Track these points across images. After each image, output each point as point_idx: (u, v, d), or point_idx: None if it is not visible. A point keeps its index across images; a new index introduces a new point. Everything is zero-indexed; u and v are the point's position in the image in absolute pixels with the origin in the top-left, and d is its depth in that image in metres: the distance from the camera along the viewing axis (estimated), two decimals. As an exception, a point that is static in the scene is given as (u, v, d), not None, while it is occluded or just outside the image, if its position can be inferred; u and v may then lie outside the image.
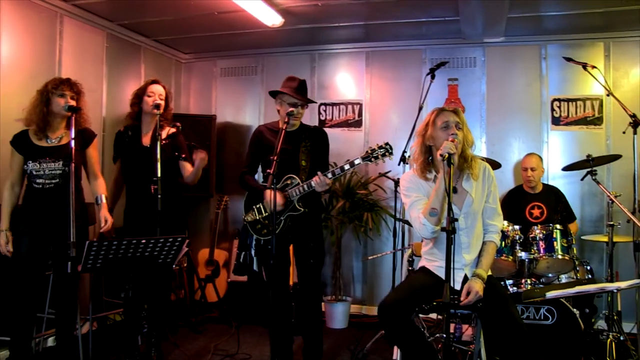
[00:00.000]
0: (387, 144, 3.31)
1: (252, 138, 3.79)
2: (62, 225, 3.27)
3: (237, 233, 5.66)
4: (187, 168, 3.87)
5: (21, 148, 3.36)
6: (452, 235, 2.45)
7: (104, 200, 3.57)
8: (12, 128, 3.40)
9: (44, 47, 4.32)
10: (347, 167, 3.37)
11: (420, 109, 4.76)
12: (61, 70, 4.42)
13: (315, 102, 3.75)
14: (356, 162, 3.32)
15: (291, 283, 4.73)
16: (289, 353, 3.68)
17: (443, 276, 2.84)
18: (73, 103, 3.36)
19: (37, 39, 4.26)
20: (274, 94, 3.70)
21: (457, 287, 2.82)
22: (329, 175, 3.35)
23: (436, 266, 2.97)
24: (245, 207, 3.73)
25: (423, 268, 3.05)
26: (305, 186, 3.42)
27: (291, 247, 3.72)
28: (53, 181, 3.34)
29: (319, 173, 3.32)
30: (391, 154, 3.30)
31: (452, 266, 2.45)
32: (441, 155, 2.62)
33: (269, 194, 3.53)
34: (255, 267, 3.64)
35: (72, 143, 3.08)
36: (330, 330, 4.90)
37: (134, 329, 3.74)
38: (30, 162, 3.33)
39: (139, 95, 3.85)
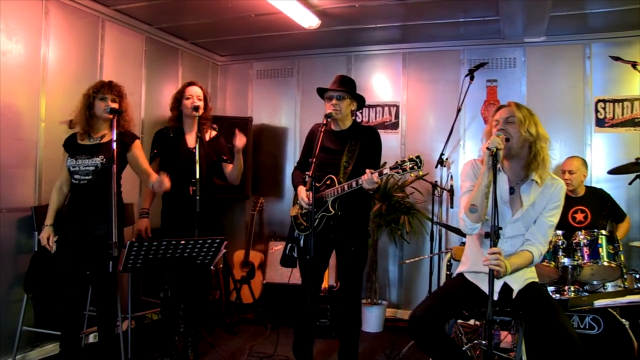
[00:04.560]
0: (417, 156, 3.14)
1: (307, 136, 3.85)
2: (97, 223, 3.37)
3: (272, 235, 5.71)
4: (227, 166, 3.96)
5: (68, 148, 3.49)
6: (495, 240, 2.44)
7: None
8: (56, 131, 3.52)
9: (87, 51, 4.44)
10: (360, 181, 3.27)
11: (459, 111, 4.76)
12: (102, 74, 4.53)
13: (355, 94, 3.68)
14: (384, 172, 3.20)
15: (326, 286, 4.76)
16: (309, 354, 3.70)
17: (476, 282, 2.87)
18: (115, 105, 3.45)
19: (81, 44, 4.39)
20: (320, 95, 3.71)
21: (496, 296, 2.74)
22: (377, 174, 3.20)
23: (470, 271, 2.93)
24: (293, 200, 3.81)
25: (460, 275, 3.00)
26: (339, 189, 3.41)
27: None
28: (86, 177, 3.41)
29: (368, 170, 3.22)
30: (420, 167, 3.13)
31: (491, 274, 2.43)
32: (487, 148, 2.57)
33: (299, 191, 3.60)
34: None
35: (114, 145, 3.15)
36: (365, 333, 4.88)
37: (171, 329, 3.81)
38: (69, 158, 3.45)
39: (178, 99, 3.95)
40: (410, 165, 3.15)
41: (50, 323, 3.84)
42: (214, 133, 4.08)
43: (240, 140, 3.83)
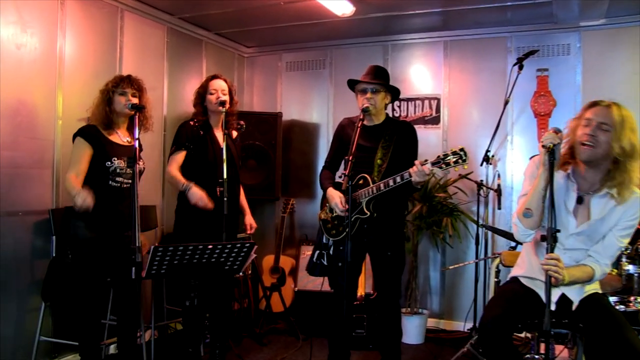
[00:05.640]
0: (461, 149, 3.08)
1: (335, 132, 3.82)
2: (127, 228, 3.36)
3: (304, 238, 5.67)
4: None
5: (95, 141, 3.40)
6: (552, 245, 2.35)
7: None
8: (74, 128, 3.50)
9: (105, 44, 4.45)
10: (406, 175, 3.21)
11: (506, 103, 4.67)
12: (122, 67, 4.54)
13: (389, 86, 3.62)
14: (427, 166, 3.13)
15: (363, 294, 4.70)
16: None
17: (534, 287, 2.80)
18: (135, 101, 3.44)
19: (99, 36, 4.40)
20: (351, 88, 3.66)
21: (553, 307, 2.67)
22: (428, 165, 3.12)
23: (524, 276, 2.86)
24: (321, 203, 3.77)
25: (514, 279, 2.93)
26: (375, 188, 3.35)
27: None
28: (129, 181, 3.43)
29: (417, 161, 3.14)
30: (465, 161, 3.07)
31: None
32: (543, 145, 2.48)
33: (329, 193, 3.57)
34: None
35: (137, 143, 3.13)
36: (404, 345, 4.77)
37: (197, 339, 3.79)
38: (115, 159, 3.40)
39: (201, 94, 3.92)
40: (454, 159, 3.07)
41: (69, 333, 3.85)
42: (235, 134, 4.06)
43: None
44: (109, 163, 3.39)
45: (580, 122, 2.64)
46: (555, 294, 2.68)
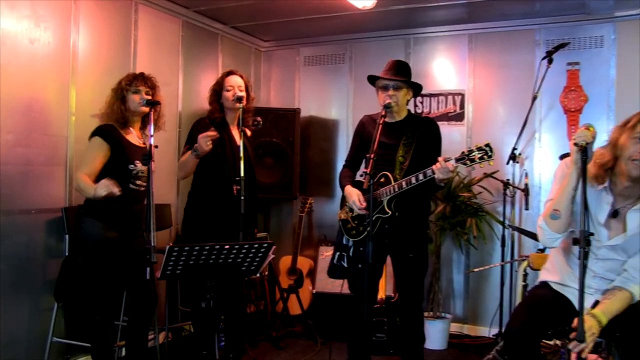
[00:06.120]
0: (487, 145, 3.06)
1: (355, 130, 3.81)
2: (142, 230, 3.42)
3: (322, 239, 5.66)
4: None
5: (114, 142, 3.41)
6: (585, 248, 2.30)
7: None
8: (88, 125, 3.53)
9: (119, 38, 4.46)
10: (429, 172, 3.19)
11: (534, 99, 4.63)
12: (136, 62, 4.55)
13: (412, 83, 3.61)
14: (452, 162, 3.11)
15: (383, 296, 4.68)
16: None
17: (566, 294, 2.74)
18: (149, 98, 3.45)
19: (113, 30, 4.41)
20: (372, 83, 3.64)
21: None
22: (452, 161, 3.10)
23: (555, 282, 2.81)
24: (341, 202, 3.75)
25: (544, 284, 2.88)
26: (396, 186, 3.34)
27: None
28: (145, 183, 3.45)
29: (440, 158, 3.13)
30: (490, 157, 3.05)
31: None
32: (575, 144, 2.42)
33: (347, 191, 3.56)
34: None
35: (152, 140, 3.13)
36: (427, 351, 4.70)
37: (211, 342, 3.80)
38: (138, 162, 3.42)
39: (217, 91, 3.91)
40: (479, 155, 3.05)
41: (82, 334, 3.87)
42: (249, 133, 4.06)
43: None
44: (132, 166, 3.42)
45: (630, 134, 2.54)
46: (589, 300, 2.62)
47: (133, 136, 3.52)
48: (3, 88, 3.57)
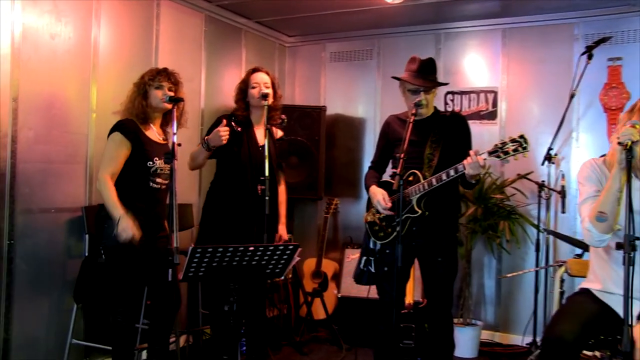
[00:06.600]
0: (521, 136, 3.05)
1: (380, 130, 3.81)
2: (164, 230, 3.44)
3: (348, 241, 5.63)
4: (282, 180, 4.05)
5: (134, 138, 3.42)
6: (630, 254, 2.24)
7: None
8: (109, 122, 3.54)
9: (140, 32, 4.48)
10: (460, 167, 3.19)
11: (572, 96, 4.55)
12: (158, 57, 4.57)
13: (443, 84, 3.61)
14: (484, 156, 3.11)
15: (411, 301, 4.64)
16: None
17: (609, 303, 2.68)
18: (172, 94, 3.45)
19: (135, 24, 4.43)
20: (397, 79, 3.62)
21: (636, 322, 2.53)
22: (484, 155, 3.10)
23: (598, 290, 2.75)
24: (367, 204, 3.73)
25: (586, 290, 2.82)
26: (425, 184, 3.31)
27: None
28: (166, 182, 3.47)
29: (471, 152, 3.12)
30: (525, 148, 3.03)
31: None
32: (619, 142, 2.38)
33: (372, 191, 3.55)
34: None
35: (175, 138, 3.13)
36: (456, 358, 4.67)
37: (233, 346, 3.79)
38: (157, 159, 3.43)
39: (242, 89, 3.92)
40: (513, 147, 3.04)
41: (101, 336, 3.90)
42: (280, 133, 4.05)
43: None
44: (151, 163, 3.42)
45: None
46: (636, 309, 2.55)
47: (153, 132, 3.53)
48: (23, 85, 3.60)
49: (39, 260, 3.73)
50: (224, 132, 3.56)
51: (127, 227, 3.23)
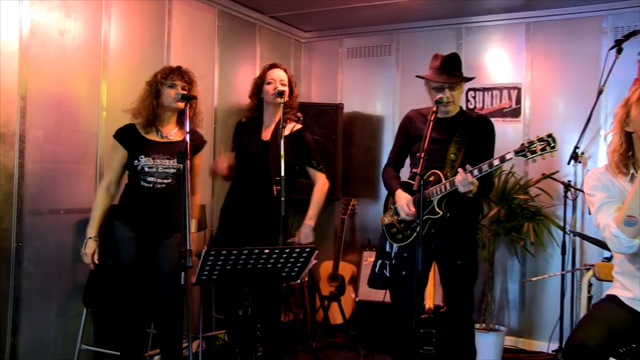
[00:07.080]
0: (549, 135, 3.02)
1: (400, 125, 3.76)
2: (170, 232, 3.43)
3: (366, 243, 5.62)
4: (317, 177, 3.96)
5: (128, 142, 3.49)
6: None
7: (193, 229, 3.79)
8: (119, 120, 3.55)
9: (152, 28, 4.48)
10: (496, 162, 3.16)
11: (600, 92, 4.47)
12: (170, 53, 4.57)
13: (469, 79, 3.58)
14: (507, 156, 3.10)
15: (431, 306, 4.61)
16: None
17: (637, 309, 2.63)
18: (184, 93, 3.44)
19: (146, 20, 4.43)
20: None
21: None
22: (475, 172, 3.14)
23: (628, 298, 2.70)
24: (384, 206, 3.70)
25: (613, 297, 2.77)
26: (448, 184, 3.28)
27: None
28: (165, 181, 3.46)
29: (460, 170, 3.14)
30: (553, 148, 3.01)
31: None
32: None
33: (397, 195, 3.50)
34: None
35: (188, 137, 3.11)
36: (479, 366, 4.72)
37: (247, 351, 3.79)
38: (143, 157, 3.44)
39: (258, 85, 3.93)
40: (541, 146, 3.01)
41: (111, 342, 3.90)
42: (297, 126, 3.98)
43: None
44: (136, 162, 3.44)
45: (636, 108, 2.57)
46: None
47: (155, 134, 3.53)
48: (32, 82, 3.61)
49: (47, 263, 3.74)
50: (222, 168, 3.83)
51: (87, 252, 3.41)
